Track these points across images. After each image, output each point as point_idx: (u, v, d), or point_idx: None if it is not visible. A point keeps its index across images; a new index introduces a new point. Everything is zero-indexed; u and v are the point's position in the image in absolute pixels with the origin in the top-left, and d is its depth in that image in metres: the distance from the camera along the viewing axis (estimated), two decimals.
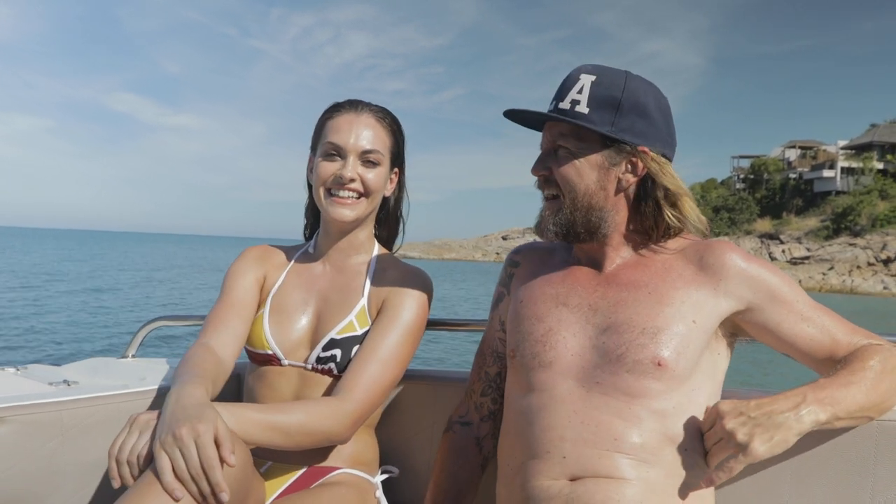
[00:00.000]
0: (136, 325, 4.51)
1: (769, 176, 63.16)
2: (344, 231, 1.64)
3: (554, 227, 1.34)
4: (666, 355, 1.24)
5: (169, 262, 56.55)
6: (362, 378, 1.48)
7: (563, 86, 1.32)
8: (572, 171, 1.32)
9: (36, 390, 1.67)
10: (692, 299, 1.29)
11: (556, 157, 1.33)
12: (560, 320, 1.34)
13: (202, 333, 1.56)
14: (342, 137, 1.56)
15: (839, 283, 39.67)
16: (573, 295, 1.36)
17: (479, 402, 1.53)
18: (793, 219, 55.28)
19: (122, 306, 20.25)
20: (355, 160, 1.57)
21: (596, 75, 1.30)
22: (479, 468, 1.50)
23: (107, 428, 1.67)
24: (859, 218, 47.85)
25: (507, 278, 1.53)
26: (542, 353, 1.33)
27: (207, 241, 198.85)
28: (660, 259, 1.35)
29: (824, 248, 45.97)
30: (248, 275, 1.65)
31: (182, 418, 1.17)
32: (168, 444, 1.15)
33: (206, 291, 27.04)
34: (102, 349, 12.20)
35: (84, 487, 1.64)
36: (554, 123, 1.33)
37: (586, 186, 1.32)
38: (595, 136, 1.30)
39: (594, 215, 1.33)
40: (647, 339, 1.25)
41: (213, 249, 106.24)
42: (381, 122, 1.62)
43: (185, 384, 1.29)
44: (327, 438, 1.44)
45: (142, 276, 35.28)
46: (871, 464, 1.35)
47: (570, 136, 1.31)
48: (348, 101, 1.63)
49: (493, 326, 1.54)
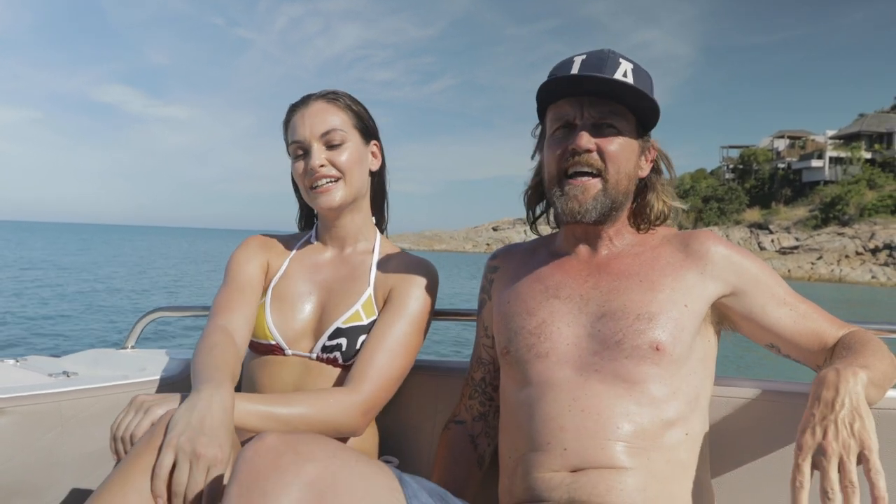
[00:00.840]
0: (125, 316, 4.42)
1: (758, 166, 63.35)
2: (337, 217, 1.64)
3: (600, 207, 1.30)
4: (664, 339, 1.25)
5: (162, 254, 56.18)
6: (372, 369, 1.48)
7: (603, 63, 1.27)
8: (622, 150, 1.30)
9: (35, 381, 1.68)
10: (682, 284, 1.30)
11: (601, 132, 1.30)
12: (552, 312, 1.34)
13: (214, 317, 1.53)
14: (299, 132, 1.58)
15: (828, 272, 39.89)
16: (563, 287, 1.36)
17: (468, 403, 1.54)
18: (782, 208, 55.50)
19: (116, 298, 20.13)
20: (318, 147, 1.57)
21: (633, 64, 1.30)
22: (475, 464, 1.52)
23: (106, 419, 1.67)
24: (847, 207, 48.09)
25: (488, 284, 1.52)
26: (538, 345, 1.32)
27: (197, 234, 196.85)
28: (648, 248, 1.37)
29: (813, 237, 46.20)
30: (253, 261, 1.64)
31: (209, 436, 1.13)
32: (184, 451, 1.10)
33: (204, 282, 27.00)
34: (88, 342, 12.15)
35: (83, 479, 1.65)
36: (598, 100, 1.29)
37: (628, 169, 1.32)
38: (634, 121, 1.31)
39: (625, 198, 1.34)
40: (644, 325, 1.26)
41: (205, 242, 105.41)
42: (333, 103, 1.61)
43: (220, 385, 1.24)
44: (336, 431, 1.44)
45: (136, 269, 35.05)
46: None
47: (619, 116, 1.30)
48: (300, 99, 1.64)
49: (479, 332, 1.55)
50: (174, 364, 1.86)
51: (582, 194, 1.29)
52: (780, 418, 1.41)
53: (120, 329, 13.08)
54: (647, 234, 1.40)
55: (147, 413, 1.23)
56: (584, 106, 1.29)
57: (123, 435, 1.22)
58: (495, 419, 1.51)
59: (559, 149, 1.30)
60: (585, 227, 1.36)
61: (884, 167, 53.89)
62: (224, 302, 1.56)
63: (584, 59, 1.29)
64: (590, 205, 1.29)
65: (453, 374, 1.72)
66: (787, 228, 50.36)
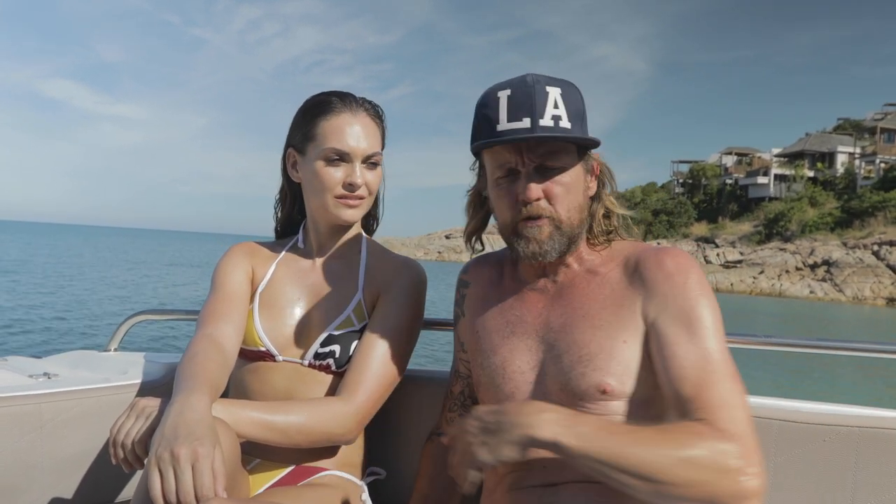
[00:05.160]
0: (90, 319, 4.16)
1: (707, 181, 64.77)
2: (341, 228, 1.64)
3: (558, 247, 1.28)
4: (609, 381, 1.22)
5: (118, 256, 54.53)
6: (365, 377, 1.49)
7: (532, 100, 1.22)
8: (568, 187, 1.28)
9: (15, 382, 1.65)
10: (618, 317, 1.26)
11: (544, 174, 1.26)
12: (511, 350, 1.34)
13: (202, 325, 1.51)
14: (345, 143, 1.53)
15: (769, 286, 40.95)
16: (521, 323, 1.36)
17: (448, 416, 1.55)
18: (728, 223, 56.68)
19: (71, 300, 19.55)
20: (361, 166, 1.55)
21: (560, 87, 1.25)
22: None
23: (87, 422, 1.66)
24: (790, 224, 49.37)
25: (461, 299, 1.51)
26: (503, 385, 1.33)
27: (151, 235, 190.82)
28: (601, 273, 1.32)
29: (756, 252, 47.33)
30: (238, 269, 1.63)
31: (183, 436, 1.11)
32: (164, 461, 1.09)
33: (180, 286, 26.42)
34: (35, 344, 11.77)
35: (62, 481, 1.63)
36: (537, 143, 1.24)
37: (579, 201, 1.30)
38: (573, 149, 1.28)
39: (580, 228, 1.32)
40: (584, 367, 1.24)
41: (162, 243, 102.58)
42: (376, 121, 1.60)
43: (192, 392, 1.22)
44: (329, 440, 1.45)
45: (95, 270, 34.04)
46: (852, 470, 1.37)
47: (560, 154, 1.26)
48: (337, 96, 1.57)
49: (456, 347, 1.55)
50: (156, 367, 1.85)
51: (538, 234, 1.27)
52: (767, 439, 1.43)
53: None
54: (605, 254, 1.35)
55: (148, 418, 1.23)
56: (524, 152, 1.25)
57: (124, 440, 1.22)
58: None
59: (509, 198, 1.28)
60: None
61: (825, 186, 55.59)
62: (211, 311, 1.54)
63: (509, 95, 1.23)
64: (548, 245, 1.27)
65: (438, 384, 1.72)
66: (733, 243, 51.50)
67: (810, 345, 1.61)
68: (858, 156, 56.35)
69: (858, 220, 45.88)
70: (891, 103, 61.98)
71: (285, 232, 1.77)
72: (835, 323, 27.12)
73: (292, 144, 1.62)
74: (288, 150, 1.64)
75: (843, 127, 66.32)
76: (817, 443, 1.41)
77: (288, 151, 1.64)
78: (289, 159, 1.64)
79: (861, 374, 12.87)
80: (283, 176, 1.68)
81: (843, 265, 40.31)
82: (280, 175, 1.70)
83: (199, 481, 1.08)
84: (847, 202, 49.45)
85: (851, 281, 38.77)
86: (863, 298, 37.13)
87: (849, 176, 55.47)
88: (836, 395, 10.36)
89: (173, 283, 29.38)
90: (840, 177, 56.22)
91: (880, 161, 53.20)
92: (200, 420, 1.16)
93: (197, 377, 1.29)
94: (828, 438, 1.40)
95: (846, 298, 37.47)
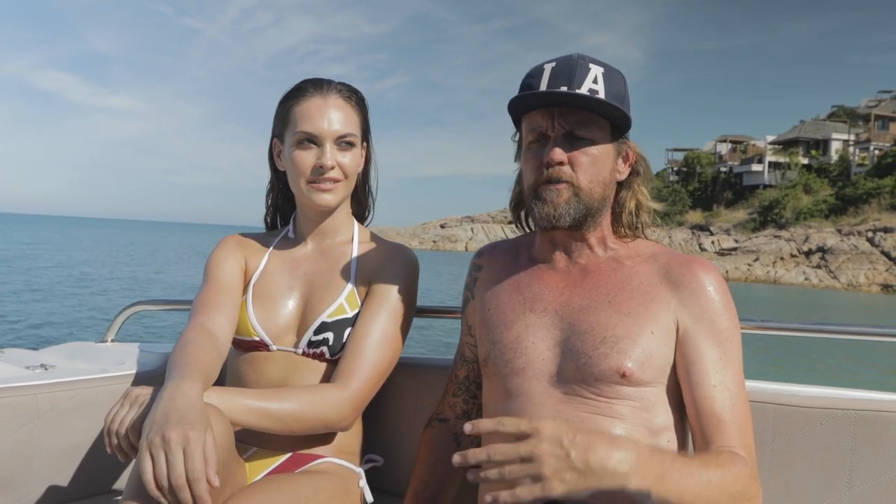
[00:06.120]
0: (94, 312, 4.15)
1: (701, 169, 64.78)
2: (325, 214, 1.64)
3: (573, 213, 1.30)
4: (629, 366, 1.24)
5: (116, 246, 54.44)
6: (360, 363, 1.49)
7: (572, 72, 1.27)
8: (594, 159, 1.30)
9: (12, 374, 1.65)
10: (648, 309, 1.29)
11: (573, 143, 1.30)
12: (528, 325, 1.35)
13: (195, 315, 1.51)
14: (315, 125, 1.54)
15: (763, 273, 41.10)
16: (539, 300, 1.37)
17: (451, 401, 1.55)
18: (722, 211, 56.85)
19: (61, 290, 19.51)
20: (332, 146, 1.55)
21: (604, 68, 1.29)
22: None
23: (84, 413, 1.66)
24: (784, 211, 49.53)
25: (472, 283, 1.53)
26: (514, 360, 1.34)
27: (146, 227, 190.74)
28: (627, 265, 1.35)
29: (751, 239, 47.47)
30: (231, 260, 1.64)
31: (174, 420, 1.12)
32: (155, 445, 1.10)
33: (173, 276, 26.37)
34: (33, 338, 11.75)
35: (60, 472, 1.63)
36: (569, 110, 1.29)
37: (603, 176, 1.32)
38: (608, 127, 1.31)
39: (601, 204, 1.34)
40: (608, 349, 1.26)
41: (156, 235, 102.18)
42: (349, 102, 1.60)
43: (183, 379, 1.24)
44: (325, 426, 1.45)
45: (95, 261, 33.98)
46: (849, 453, 1.38)
47: (591, 126, 1.29)
48: (311, 83, 1.60)
49: (463, 331, 1.56)
50: (153, 358, 1.85)
51: (556, 198, 1.30)
52: (764, 423, 1.44)
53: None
54: (630, 247, 1.38)
55: (140, 406, 1.23)
56: (556, 117, 1.29)
57: (118, 428, 1.23)
58: (478, 418, 1.51)
59: (535, 161, 1.32)
60: (563, 233, 1.36)
61: (819, 173, 55.71)
62: (203, 301, 1.55)
63: (553, 66, 1.29)
64: (563, 209, 1.30)
65: (435, 372, 1.74)
66: (727, 230, 51.66)
67: (807, 329, 1.62)
68: (853, 143, 56.53)
69: (853, 207, 46.06)
70: (885, 90, 62.20)
71: (276, 223, 1.78)
72: (830, 309, 27.22)
73: (276, 134, 1.64)
74: (273, 140, 1.66)
75: (837, 114, 66.54)
76: (814, 426, 1.41)
77: (273, 141, 1.66)
78: (274, 149, 1.66)
79: (859, 358, 12.95)
80: (271, 166, 1.70)
81: (838, 252, 40.47)
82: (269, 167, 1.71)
83: (189, 465, 1.08)
84: (841, 189, 49.59)
85: (846, 268, 38.93)
86: (857, 285, 37.29)
87: (843, 163, 55.60)
88: (833, 380, 10.46)
89: (169, 273, 29.35)
90: (834, 164, 56.35)
91: (874, 148, 53.31)
92: (191, 405, 1.17)
93: (188, 365, 1.30)
94: (824, 422, 1.41)
95: (841, 285, 37.62)
